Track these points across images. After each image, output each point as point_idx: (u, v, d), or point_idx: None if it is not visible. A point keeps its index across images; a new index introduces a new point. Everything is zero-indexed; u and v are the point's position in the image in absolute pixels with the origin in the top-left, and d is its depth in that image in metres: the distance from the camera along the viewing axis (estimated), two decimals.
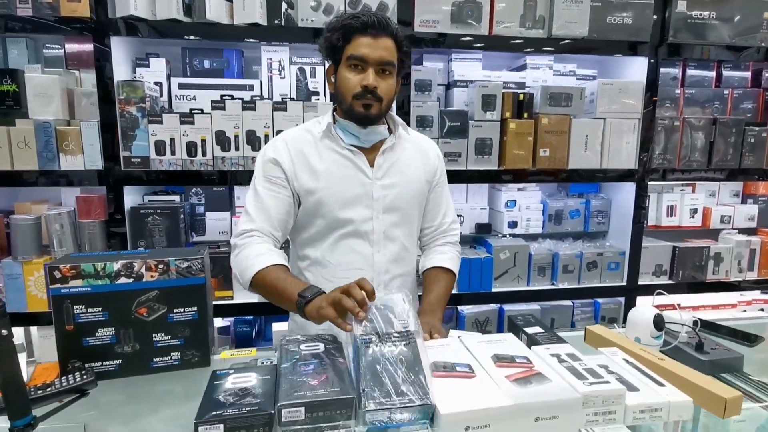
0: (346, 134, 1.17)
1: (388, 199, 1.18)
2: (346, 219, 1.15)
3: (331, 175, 1.15)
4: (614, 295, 2.12)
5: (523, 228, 2.13)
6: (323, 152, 1.16)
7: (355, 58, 1.07)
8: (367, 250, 1.18)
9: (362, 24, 1.07)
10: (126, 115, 1.66)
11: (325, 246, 1.18)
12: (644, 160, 1.99)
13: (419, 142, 1.27)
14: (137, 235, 1.75)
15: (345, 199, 1.15)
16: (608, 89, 1.93)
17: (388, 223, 1.19)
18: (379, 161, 1.18)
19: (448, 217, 1.31)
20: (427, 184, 1.26)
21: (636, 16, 1.87)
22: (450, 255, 1.28)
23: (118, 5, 1.60)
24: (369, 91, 1.08)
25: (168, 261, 0.91)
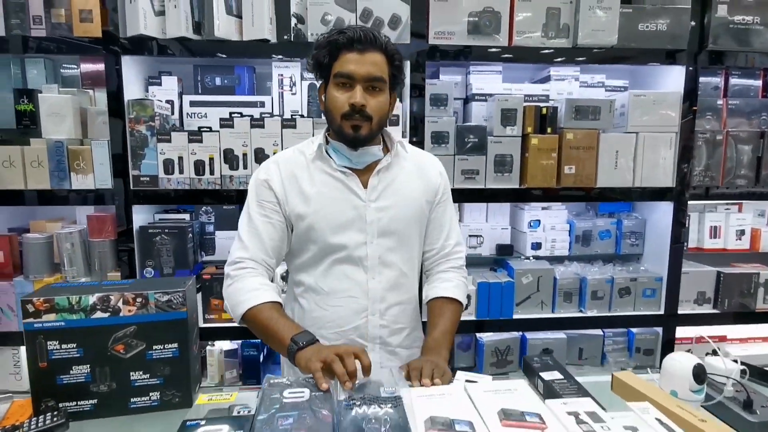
0: (338, 155, 1.10)
1: (382, 222, 1.10)
2: (338, 244, 1.08)
3: (322, 199, 1.08)
4: (650, 324, 1.94)
5: (547, 250, 1.99)
6: (315, 174, 1.10)
7: (342, 75, 1.01)
8: (361, 277, 1.10)
9: (348, 39, 1.00)
10: (136, 133, 1.65)
11: (319, 272, 1.11)
12: (683, 177, 1.82)
13: (419, 159, 1.19)
14: (146, 254, 1.72)
15: (337, 223, 1.08)
16: (641, 101, 1.79)
17: (384, 248, 1.10)
18: (373, 182, 1.10)
19: (451, 239, 1.20)
20: (428, 204, 1.16)
21: (672, 23, 1.73)
22: (455, 282, 1.17)
23: (129, 24, 1.59)
24: (357, 110, 1.01)
25: (146, 294, 0.85)
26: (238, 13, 1.63)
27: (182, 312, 0.88)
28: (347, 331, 1.10)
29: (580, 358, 1.96)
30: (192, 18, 1.60)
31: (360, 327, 1.10)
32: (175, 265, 1.73)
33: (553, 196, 1.81)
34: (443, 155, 1.75)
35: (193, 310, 0.93)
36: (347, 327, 1.10)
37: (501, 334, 1.91)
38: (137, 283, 0.89)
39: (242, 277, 1.06)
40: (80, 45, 1.60)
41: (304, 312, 1.13)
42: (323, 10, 1.64)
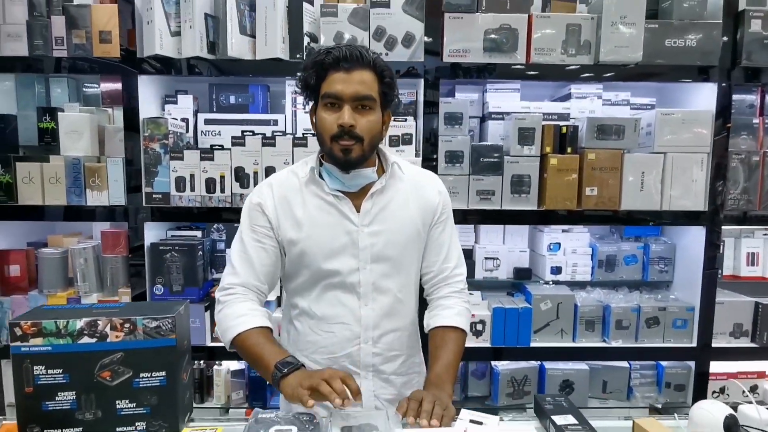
0: (331, 178, 1.06)
1: (376, 247, 1.05)
2: (330, 270, 1.04)
3: (314, 224, 1.04)
4: (681, 357, 1.80)
5: (568, 274, 1.89)
6: (307, 198, 1.06)
7: (329, 96, 0.98)
8: (353, 304, 1.06)
9: (334, 59, 0.97)
10: (150, 151, 1.66)
11: (312, 297, 1.08)
12: (717, 200, 1.70)
13: (416, 178, 1.13)
14: (156, 271, 1.72)
15: (329, 249, 1.04)
16: (669, 119, 1.69)
17: (378, 274, 1.06)
18: (366, 206, 1.06)
19: (450, 262, 1.14)
20: (424, 226, 1.11)
21: (702, 39, 1.64)
22: (457, 309, 1.10)
23: (146, 45, 1.62)
24: (346, 131, 0.97)
25: (135, 320, 0.82)
26: (252, 32, 1.64)
27: (171, 339, 0.84)
28: (339, 357, 1.07)
29: (604, 392, 1.83)
30: (207, 38, 1.62)
31: (352, 354, 1.06)
32: (184, 283, 1.72)
33: (573, 218, 1.72)
34: (458, 175, 1.69)
35: (184, 336, 0.90)
36: (339, 354, 1.06)
37: (518, 363, 1.81)
38: (127, 307, 0.87)
39: (231, 303, 1.04)
40: (99, 64, 1.64)
41: (299, 335, 1.10)
42: (336, 29, 1.63)
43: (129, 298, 1.72)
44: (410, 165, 1.16)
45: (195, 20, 1.58)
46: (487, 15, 1.63)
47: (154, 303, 1.03)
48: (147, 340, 0.83)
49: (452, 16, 1.63)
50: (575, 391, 1.79)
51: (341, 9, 1.63)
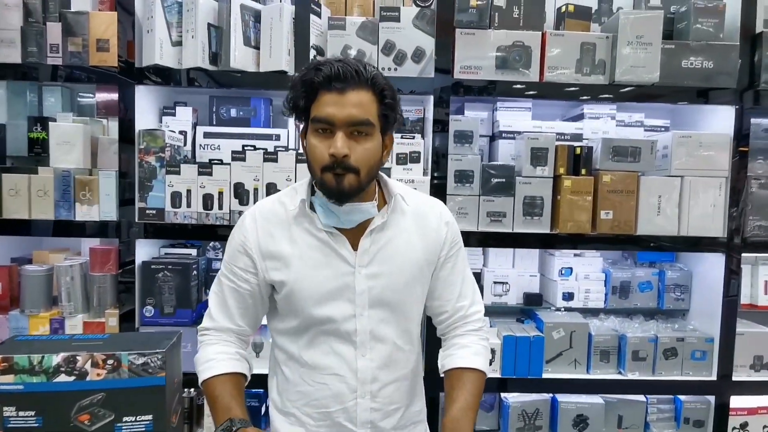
0: (324, 212, 0.94)
1: (374, 291, 0.94)
2: (323, 317, 0.93)
3: (304, 264, 0.93)
4: (700, 391, 1.71)
5: (580, 301, 1.80)
6: (296, 234, 0.95)
7: (319, 120, 0.86)
8: (349, 354, 0.95)
9: (325, 77, 0.85)
10: (145, 165, 1.58)
11: (303, 342, 0.97)
12: (736, 226, 1.64)
13: (420, 209, 1.01)
14: (147, 291, 1.62)
15: (321, 293, 0.93)
16: (686, 142, 1.64)
17: (376, 321, 0.95)
18: (364, 245, 0.94)
19: (465, 299, 1.04)
20: (429, 264, 1.00)
21: (719, 60, 1.59)
22: (474, 349, 1.00)
23: (145, 54, 1.56)
24: (339, 162, 0.86)
25: (119, 356, 0.72)
26: (256, 44, 1.58)
27: (160, 377, 0.75)
28: (334, 413, 0.95)
29: (619, 427, 1.73)
30: (209, 48, 1.55)
31: (349, 410, 0.95)
32: (176, 304, 1.62)
33: (588, 243, 1.64)
34: (467, 195, 1.62)
35: (175, 374, 0.80)
36: (334, 409, 0.95)
37: (529, 395, 1.71)
38: (112, 339, 0.78)
39: (203, 346, 0.97)
40: (96, 73, 1.57)
41: (288, 383, 0.99)
42: (344, 42, 1.57)
43: (116, 320, 1.61)
44: (414, 193, 1.05)
45: (197, 30, 1.52)
46: (500, 32, 1.58)
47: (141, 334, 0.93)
48: (132, 379, 0.74)
49: (464, 32, 1.58)
50: (589, 427, 1.69)
51: (349, 22, 1.58)
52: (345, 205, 0.91)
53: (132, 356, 0.73)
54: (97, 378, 0.73)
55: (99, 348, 0.74)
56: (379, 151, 0.91)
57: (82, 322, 1.64)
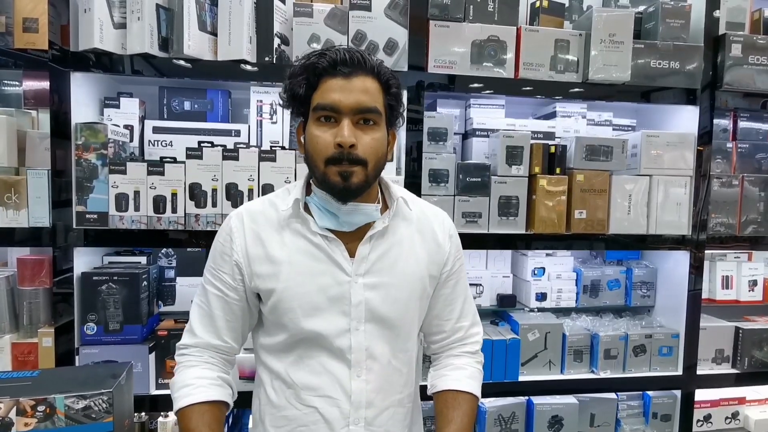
0: (320, 213, 0.85)
1: (372, 304, 0.85)
2: (313, 331, 0.84)
3: (295, 271, 0.84)
4: (667, 386, 1.74)
5: (553, 301, 1.79)
6: (287, 238, 0.85)
7: (323, 107, 0.79)
8: (342, 374, 0.85)
9: (330, 62, 0.78)
10: (83, 163, 1.39)
11: (290, 360, 0.86)
12: (701, 224, 1.67)
13: (424, 217, 0.94)
14: (88, 306, 1.43)
15: (313, 304, 0.83)
16: (654, 141, 1.65)
17: (373, 337, 0.86)
18: (362, 251, 0.86)
19: (465, 320, 0.97)
20: (432, 279, 0.92)
21: (685, 61, 1.62)
22: (469, 371, 0.94)
23: (82, 37, 1.37)
24: (345, 154, 0.78)
25: (53, 400, 0.59)
26: (213, 29, 1.43)
27: (106, 423, 0.61)
28: None
29: (591, 425, 1.73)
30: (158, 33, 1.39)
31: None
32: (124, 320, 1.45)
33: (563, 243, 1.63)
34: (442, 196, 1.56)
35: (125, 415, 0.67)
36: None
37: (505, 399, 1.68)
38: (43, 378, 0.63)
39: (181, 369, 0.86)
40: (22, 58, 1.36)
41: (272, 407, 0.88)
42: (311, 31, 1.46)
43: (51, 340, 1.42)
44: (417, 199, 0.97)
45: (144, 11, 1.35)
46: (475, 25, 1.53)
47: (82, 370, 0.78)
48: (71, 427, 0.60)
49: (438, 24, 1.51)
50: (564, 427, 1.67)
51: (317, 9, 1.46)
52: (348, 204, 0.82)
53: (70, 400, 0.60)
54: (25, 429, 0.58)
55: (26, 391, 0.60)
56: (385, 144, 0.83)
57: (10, 343, 1.42)
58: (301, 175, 1.45)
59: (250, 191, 1.45)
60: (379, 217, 0.87)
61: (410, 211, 0.91)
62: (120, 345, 1.43)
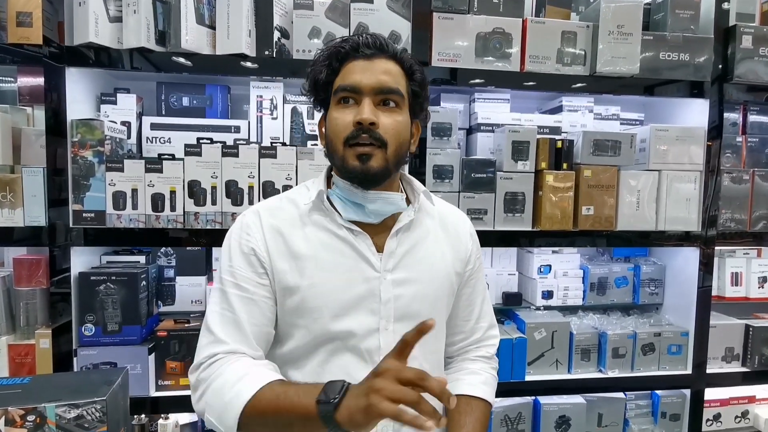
0: (345, 204, 0.82)
1: (402, 301, 0.82)
2: (341, 331, 0.79)
3: (319, 267, 0.80)
4: (677, 385, 1.71)
5: (559, 299, 1.76)
6: (311, 233, 0.82)
7: (344, 88, 0.77)
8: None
9: (353, 45, 0.77)
10: (80, 160, 1.36)
11: (311, 366, 0.81)
12: (712, 220, 1.64)
13: (448, 216, 0.93)
14: (86, 307, 1.40)
15: (340, 302, 0.79)
16: (663, 136, 1.61)
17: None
18: (390, 245, 0.82)
19: (483, 321, 0.94)
20: (458, 276, 0.90)
21: (694, 53, 1.58)
22: (484, 377, 0.91)
23: (77, 31, 1.33)
24: (365, 130, 0.75)
25: (43, 409, 0.56)
26: (211, 23, 1.39)
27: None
28: None
29: (599, 425, 1.70)
30: (155, 27, 1.35)
31: None
32: (122, 320, 1.42)
33: (570, 240, 1.59)
34: (447, 192, 1.52)
35: (120, 423, 0.64)
36: None
37: (511, 399, 1.65)
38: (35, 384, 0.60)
39: (219, 373, 0.74)
40: (16, 53, 1.33)
41: None
42: (311, 24, 1.42)
43: (49, 341, 1.39)
44: (437, 197, 0.95)
45: (140, 4, 1.31)
46: (480, 17, 1.49)
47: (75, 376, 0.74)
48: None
49: (441, 16, 1.47)
50: (571, 427, 1.64)
51: (317, 1, 1.42)
52: (370, 192, 0.78)
53: (61, 408, 0.57)
54: None
55: (16, 399, 0.57)
56: (408, 129, 0.81)
57: (7, 345, 1.40)
58: (302, 171, 1.43)
59: (250, 188, 1.42)
60: (405, 208, 0.84)
61: (433, 206, 0.89)
62: (119, 346, 1.40)
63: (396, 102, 0.78)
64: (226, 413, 0.71)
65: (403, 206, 0.83)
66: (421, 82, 0.82)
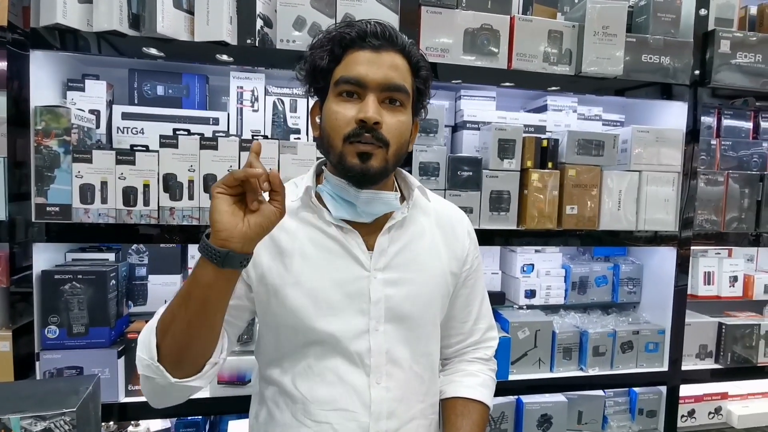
0: (335, 202, 0.78)
1: (393, 301, 0.78)
2: (327, 333, 0.76)
3: (306, 264, 0.76)
4: (653, 382, 1.74)
5: (542, 298, 1.76)
6: (298, 230, 0.78)
7: (347, 81, 0.72)
8: (360, 381, 0.77)
9: (360, 33, 0.72)
10: (44, 150, 1.27)
11: (298, 370, 0.77)
12: (688, 221, 1.67)
13: (444, 213, 0.89)
14: (50, 308, 1.31)
15: (327, 301, 0.76)
16: (644, 137, 1.64)
17: (394, 339, 0.79)
18: (381, 243, 0.79)
19: (482, 323, 0.92)
20: (453, 276, 0.87)
21: (674, 56, 1.61)
22: (482, 379, 0.89)
23: (43, 12, 1.24)
24: (368, 129, 0.71)
25: (7, 422, 0.49)
26: (189, 7, 1.32)
27: None
28: None
29: (579, 423, 1.72)
30: (128, 9, 1.27)
31: None
32: (89, 322, 1.33)
33: (555, 239, 1.59)
34: (433, 190, 1.47)
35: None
36: None
37: (495, 399, 1.61)
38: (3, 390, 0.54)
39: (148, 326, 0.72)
40: None
41: (275, 425, 0.79)
42: (296, 13, 1.37)
43: (9, 344, 1.29)
44: (433, 193, 0.91)
45: None
46: (468, 12, 1.47)
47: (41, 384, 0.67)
48: None
49: (430, 10, 1.44)
50: (553, 426, 1.65)
51: None
52: (363, 192, 0.74)
53: (26, 421, 0.51)
54: None
55: None
56: (410, 129, 0.76)
57: None
58: (285, 166, 1.37)
59: None
60: (399, 207, 0.81)
61: (428, 203, 0.85)
62: (85, 349, 1.32)
63: (401, 101, 0.74)
64: (148, 346, 0.70)
65: (396, 205, 0.80)
66: (426, 79, 0.79)
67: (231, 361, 1.37)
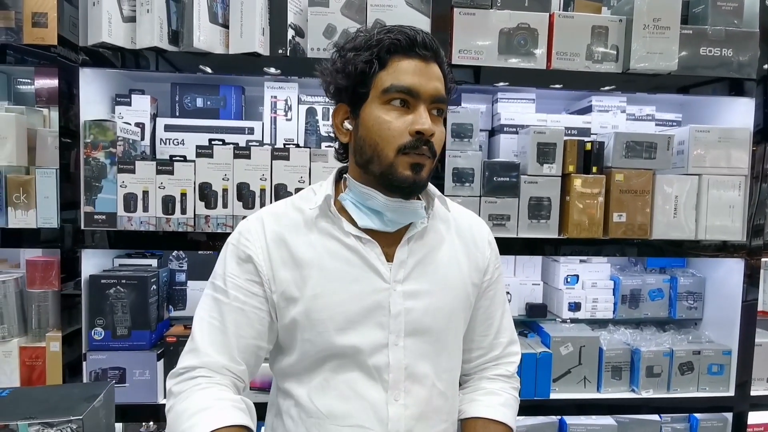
0: (360, 211, 0.76)
1: (413, 315, 0.75)
2: (346, 346, 0.73)
3: (324, 276, 0.74)
4: (717, 408, 1.57)
5: (588, 311, 1.64)
6: (316, 240, 0.76)
7: (400, 89, 0.70)
8: (378, 397, 0.74)
9: (408, 40, 0.70)
10: (92, 162, 1.34)
11: (315, 383, 0.75)
12: (756, 230, 1.50)
13: (464, 222, 0.85)
14: (96, 310, 1.38)
15: (346, 314, 0.73)
16: (703, 137, 1.49)
17: (414, 354, 0.75)
18: (400, 255, 0.76)
19: (503, 336, 0.86)
20: (474, 288, 0.82)
21: (738, 49, 1.46)
22: (504, 398, 0.83)
23: (90, 32, 1.32)
24: (425, 141, 0.70)
25: (15, 428, 0.51)
26: (224, 22, 1.36)
27: None
28: None
29: None
30: (168, 26, 1.33)
31: None
32: (132, 325, 1.39)
33: (600, 248, 1.48)
34: (467, 196, 1.44)
35: None
36: None
37: (535, 418, 1.54)
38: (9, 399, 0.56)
39: (187, 394, 0.70)
40: (30, 53, 1.32)
41: None
42: (327, 21, 1.37)
43: (59, 344, 1.37)
44: (452, 202, 0.88)
45: (153, 3, 1.29)
46: (503, 12, 1.41)
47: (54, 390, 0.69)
48: None
49: (463, 11, 1.40)
50: None
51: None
52: (395, 200, 0.73)
53: (34, 427, 0.52)
54: None
55: None
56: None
57: (18, 347, 1.39)
58: (316, 174, 1.37)
59: (262, 191, 1.37)
60: (425, 216, 0.79)
61: (448, 212, 0.82)
62: (128, 351, 1.38)
63: (444, 112, 0.75)
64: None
65: (423, 215, 0.78)
66: (450, 89, 0.77)
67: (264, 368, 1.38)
